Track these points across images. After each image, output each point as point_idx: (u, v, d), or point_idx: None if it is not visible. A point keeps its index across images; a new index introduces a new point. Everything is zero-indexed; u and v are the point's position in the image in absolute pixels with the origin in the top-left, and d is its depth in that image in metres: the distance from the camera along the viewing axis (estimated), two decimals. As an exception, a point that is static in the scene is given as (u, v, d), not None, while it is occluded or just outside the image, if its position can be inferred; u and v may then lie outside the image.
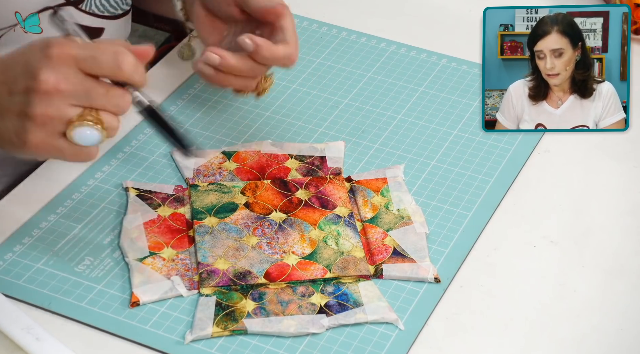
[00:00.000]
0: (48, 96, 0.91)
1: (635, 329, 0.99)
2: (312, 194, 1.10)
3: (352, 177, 1.13)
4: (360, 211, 1.08)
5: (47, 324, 0.97)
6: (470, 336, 0.98)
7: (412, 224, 1.07)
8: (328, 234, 1.06)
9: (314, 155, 1.15)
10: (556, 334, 0.98)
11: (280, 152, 1.16)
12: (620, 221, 1.10)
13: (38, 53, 0.92)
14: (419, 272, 1.02)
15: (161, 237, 1.05)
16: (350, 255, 1.04)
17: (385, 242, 1.05)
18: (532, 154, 1.17)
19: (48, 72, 0.90)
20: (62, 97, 0.91)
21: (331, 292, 1.00)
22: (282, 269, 1.02)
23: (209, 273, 1.01)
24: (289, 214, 1.08)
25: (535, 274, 1.04)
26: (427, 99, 1.24)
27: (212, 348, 0.96)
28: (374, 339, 0.97)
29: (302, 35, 1.34)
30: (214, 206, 1.08)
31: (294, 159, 1.15)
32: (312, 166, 1.14)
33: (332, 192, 1.10)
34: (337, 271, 1.02)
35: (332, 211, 1.08)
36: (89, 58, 0.91)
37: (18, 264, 1.03)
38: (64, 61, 0.91)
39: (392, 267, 1.03)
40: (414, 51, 1.32)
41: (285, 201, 1.09)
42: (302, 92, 1.25)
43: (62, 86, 0.90)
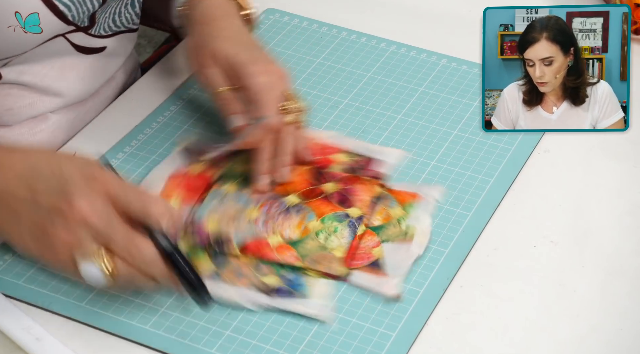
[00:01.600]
0: (75, 222, 0.91)
1: (634, 329, 0.99)
2: (338, 189, 1.10)
3: (387, 184, 1.12)
4: (371, 217, 1.08)
5: (47, 324, 0.97)
6: (470, 336, 0.98)
7: (410, 242, 1.05)
8: (325, 228, 1.06)
9: (364, 155, 1.15)
10: (556, 334, 0.98)
11: (333, 144, 1.16)
12: (620, 221, 1.10)
13: (78, 176, 0.93)
14: (383, 287, 1.01)
15: (177, 189, 1.08)
16: (330, 252, 1.04)
17: (373, 252, 1.04)
18: (532, 154, 1.17)
19: (83, 202, 0.91)
20: (87, 229, 0.92)
21: (289, 279, 1.01)
22: (259, 246, 1.04)
23: (194, 232, 1.03)
24: (303, 201, 1.09)
25: (535, 274, 1.04)
26: (427, 99, 1.24)
27: (212, 348, 0.96)
28: (374, 339, 0.97)
29: (302, 35, 1.34)
30: (242, 174, 1.10)
31: (342, 154, 1.15)
32: (355, 164, 1.14)
33: (358, 193, 1.10)
34: (307, 263, 1.03)
35: (344, 209, 1.08)
36: (123, 196, 0.92)
37: (18, 264, 1.03)
38: (100, 195, 0.92)
39: (362, 275, 1.02)
40: (414, 51, 1.32)
41: (308, 189, 1.10)
42: (302, 92, 1.25)
43: (91, 220, 0.91)
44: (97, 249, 0.92)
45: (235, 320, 0.98)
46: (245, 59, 1.10)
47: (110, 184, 0.93)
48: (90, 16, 1.14)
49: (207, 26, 1.14)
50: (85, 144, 1.18)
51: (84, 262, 0.92)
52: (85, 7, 1.11)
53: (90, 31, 1.16)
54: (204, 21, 1.15)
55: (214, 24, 1.14)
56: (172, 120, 1.21)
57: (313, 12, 1.38)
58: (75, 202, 0.91)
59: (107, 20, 1.18)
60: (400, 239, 1.05)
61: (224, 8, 1.16)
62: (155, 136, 1.18)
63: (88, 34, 1.16)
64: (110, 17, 1.18)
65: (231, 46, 1.11)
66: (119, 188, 0.93)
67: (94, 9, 1.12)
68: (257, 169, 1.09)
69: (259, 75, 1.08)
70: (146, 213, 0.93)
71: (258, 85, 1.08)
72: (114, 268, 0.92)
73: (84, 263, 0.92)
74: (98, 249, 0.92)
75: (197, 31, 1.15)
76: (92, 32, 1.17)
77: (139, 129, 1.19)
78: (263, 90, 1.08)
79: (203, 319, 0.98)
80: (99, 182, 0.93)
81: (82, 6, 1.10)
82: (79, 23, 1.12)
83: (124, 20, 1.20)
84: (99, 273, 0.92)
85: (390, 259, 1.03)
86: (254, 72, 1.08)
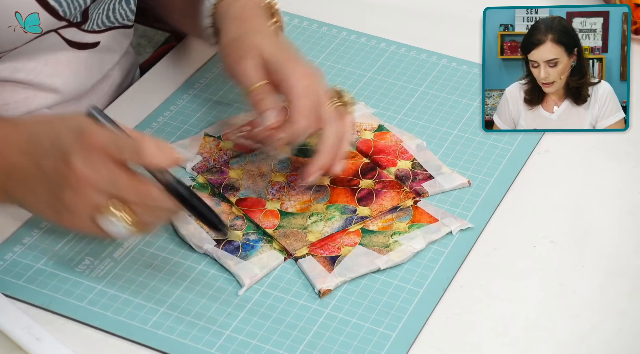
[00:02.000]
0: (78, 183, 0.92)
1: (634, 329, 0.99)
2: (369, 187, 1.10)
3: (419, 200, 1.10)
4: (374, 221, 1.07)
5: (47, 324, 0.97)
6: (470, 336, 0.98)
7: (382, 255, 1.03)
8: (324, 213, 1.07)
9: (427, 171, 1.13)
10: (556, 334, 0.98)
11: (410, 150, 1.15)
12: (620, 221, 1.10)
13: (70, 136, 0.93)
14: (318, 280, 1.01)
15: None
16: (305, 233, 1.05)
17: (342, 249, 1.04)
18: (532, 154, 1.17)
19: (79, 160, 0.91)
20: (91, 185, 0.92)
21: (249, 239, 1.04)
22: (254, 205, 1.08)
23: (219, 173, 1.11)
24: (330, 184, 1.10)
25: (535, 274, 1.04)
26: (427, 99, 1.24)
27: (212, 348, 0.96)
28: (374, 339, 0.97)
29: (302, 35, 1.34)
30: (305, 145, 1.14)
31: (409, 162, 1.14)
32: (409, 174, 1.12)
33: (383, 197, 1.09)
34: (277, 234, 1.05)
35: (357, 205, 1.08)
36: (115, 146, 0.92)
37: (18, 264, 1.03)
38: (94, 149, 0.92)
39: (310, 262, 1.02)
40: (414, 51, 1.32)
41: (343, 177, 1.11)
42: (302, 92, 1.25)
43: (91, 175, 0.91)
44: (109, 203, 0.92)
45: (235, 320, 0.98)
46: (285, 58, 1.08)
47: (101, 137, 0.92)
48: (83, 12, 1.14)
49: (244, 22, 1.12)
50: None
51: (102, 219, 0.92)
52: (77, 3, 1.10)
53: (83, 27, 1.16)
54: (242, 17, 1.13)
55: (251, 21, 1.13)
56: (172, 120, 1.21)
57: (313, 12, 1.38)
58: (73, 163, 0.91)
59: (101, 16, 1.18)
60: (376, 248, 1.04)
61: (257, 10, 1.14)
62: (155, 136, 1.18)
63: (81, 30, 1.16)
64: (104, 13, 1.18)
65: (270, 43, 1.09)
66: (110, 139, 0.92)
67: (85, 5, 1.12)
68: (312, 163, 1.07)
69: (300, 77, 1.06)
70: (140, 156, 0.92)
71: (298, 87, 1.06)
72: (132, 215, 0.92)
73: (102, 220, 0.92)
74: (110, 202, 0.92)
75: (234, 26, 1.12)
76: (85, 28, 1.17)
77: (139, 129, 1.19)
78: (302, 93, 1.06)
79: (203, 319, 0.98)
80: (91, 137, 0.92)
81: (74, 2, 1.10)
82: (72, 19, 1.12)
83: (118, 16, 1.20)
84: (120, 225, 0.92)
85: (349, 260, 1.03)
86: (294, 73, 1.06)
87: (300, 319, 0.99)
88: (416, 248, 1.04)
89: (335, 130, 1.07)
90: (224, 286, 1.01)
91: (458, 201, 1.11)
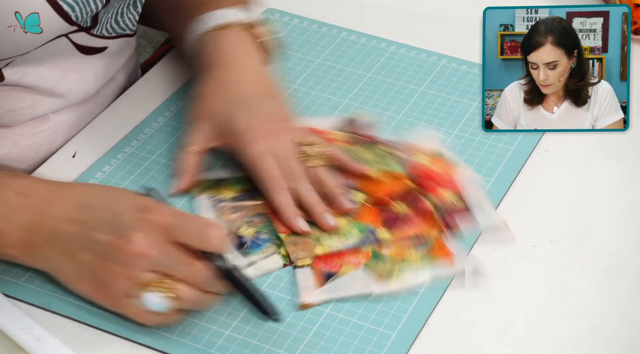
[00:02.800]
0: (134, 257, 0.92)
1: (634, 329, 0.99)
2: (401, 212, 1.07)
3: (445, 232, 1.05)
4: (389, 246, 1.04)
5: (47, 324, 0.97)
6: (470, 336, 0.98)
7: (381, 280, 1.01)
8: (342, 227, 1.05)
9: (467, 204, 1.08)
10: (556, 334, 0.98)
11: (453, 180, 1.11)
12: (620, 221, 1.10)
13: (134, 213, 0.93)
14: (304, 291, 1.00)
15: None
16: (314, 243, 1.04)
17: (343, 267, 1.02)
18: (532, 154, 1.17)
19: (141, 236, 0.92)
20: (148, 261, 0.92)
21: (258, 238, 1.05)
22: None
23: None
24: (363, 201, 1.08)
25: (535, 274, 1.04)
26: (427, 99, 1.24)
27: (212, 348, 0.96)
28: (374, 339, 0.97)
29: (302, 35, 1.34)
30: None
31: (452, 193, 1.09)
32: (449, 209, 1.08)
33: (410, 225, 1.06)
34: (288, 239, 1.04)
35: (379, 226, 1.06)
36: (179, 227, 0.92)
37: (18, 264, 1.03)
38: (157, 228, 0.92)
39: (305, 273, 1.01)
40: (414, 51, 1.32)
41: (380, 197, 1.08)
42: (302, 92, 1.25)
43: (150, 251, 0.92)
44: (157, 279, 0.93)
45: (235, 320, 0.98)
46: (239, 127, 1.08)
47: (165, 215, 0.93)
48: (93, 17, 1.14)
49: (212, 71, 1.12)
50: (86, 144, 1.18)
51: (145, 293, 0.93)
52: (89, 7, 1.11)
53: (92, 31, 1.16)
54: (213, 64, 1.13)
55: (223, 69, 1.12)
56: (172, 120, 1.21)
57: (313, 12, 1.38)
58: (132, 237, 0.92)
59: (110, 21, 1.18)
60: (377, 273, 1.02)
61: (236, 45, 1.14)
62: (155, 136, 1.18)
63: (90, 34, 1.16)
64: (113, 18, 1.18)
65: (228, 104, 1.10)
66: (175, 219, 0.93)
67: (97, 9, 1.12)
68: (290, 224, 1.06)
69: (252, 145, 1.07)
70: (206, 241, 0.93)
71: (252, 155, 1.07)
72: (177, 291, 0.93)
73: (145, 294, 0.93)
74: (158, 278, 0.93)
75: (203, 78, 1.13)
76: (94, 33, 1.17)
77: (139, 129, 1.19)
78: (257, 161, 1.07)
79: (203, 319, 0.98)
80: (154, 214, 0.93)
81: (86, 6, 1.10)
82: (82, 23, 1.12)
83: (126, 20, 1.20)
84: (161, 299, 0.92)
85: (344, 279, 1.01)
86: (245, 144, 1.07)
87: (300, 319, 0.99)
88: (418, 280, 1.01)
89: (306, 188, 1.06)
90: (224, 286, 1.01)
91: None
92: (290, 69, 1.28)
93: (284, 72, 1.26)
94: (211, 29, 1.16)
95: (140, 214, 0.93)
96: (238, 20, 1.16)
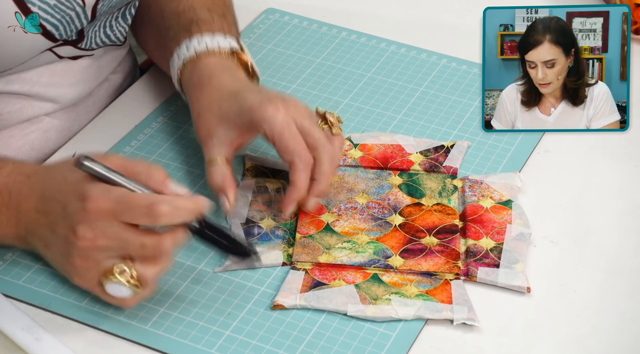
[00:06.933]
0: (85, 250, 0.93)
1: (634, 329, 0.99)
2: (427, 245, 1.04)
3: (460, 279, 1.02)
4: (394, 274, 1.01)
5: (47, 324, 0.97)
6: (470, 336, 0.98)
7: (369, 305, 0.98)
8: (359, 244, 1.04)
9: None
10: (556, 334, 0.98)
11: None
12: (620, 221, 1.10)
13: (76, 204, 0.93)
14: (280, 294, 0.99)
15: None
16: (324, 250, 1.03)
17: (333, 282, 1.01)
18: (532, 154, 1.17)
19: (85, 228, 0.92)
20: (99, 251, 0.93)
21: (274, 232, 1.05)
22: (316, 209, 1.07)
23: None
24: (397, 225, 1.06)
25: (535, 274, 1.04)
26: (427, 99, 1.24)
27: (212, 348, 0.96)
28: (374, 339, 0.97)
29: (302, 35, 1.34)
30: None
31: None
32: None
33: (427, 260, 1.02)
34: (300, 241, 1.04)
35: (396, 253, 1.03)
36: (124, 211, 0.92)
37: (18, 264, 1.03)
38: (101, 216, 0.92)
39: (295, 276, 1.01)
40: (414, 51, 1.32)
41: (415, 226, 1.06)
42: (302, 92, 1.25)
43: (99, 242, 0.92)
44: (116, 263, 0.93)
45: (235, 320, 0.98)
46: (252, 104, 1.05)
47: (106, 201, 0.92)
48: (79, 31, 1.13)
49: (205, 88, 1.10)
50: (85, 144, 1.18)
51: (105, 283, 0.94)
52: (73, 25, 1.10)
53: (79, 45, 1.15)
54: (202, 83, 1.10)
55: (213, 83, 1.10)
56: (172, 120, 1.21)
57: (313, 12, 1.38)
58: (78, 231, 0.93)
59: (98, 34, 1.17)
60: (364, 295, 0.99)
61: (220, 64, 1.12)
62: (155, 136, 1.18)
63: (77, 48, 1.16)
64: (101, 31, 1.17)
65: (234, 98, 1.07)
66: (118, 203, 0.92)
67: (82, 26, 1.12)
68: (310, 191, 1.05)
69: (272, 114, 1.03)
70: (154, 219, 0.92)
71: (274, 124, 1.03)
72: (135, 275, 0.93)
73: (105, 284, 0.94)
74: (115, 265, 0.93)
75: (195, 97, 1.10)
76: (82, 46, 1.16)
77: (139, 130, 1.19)
78: (281, 129, 1.03)
79: (203, 319, 0.98)
80: (95, 202, 0.92)
81: (70, 25, 1.09)
82: (67, 38, 1.11)
83: (116, 32, 1.19)
84: (120, 287, 0.93)
85: (328, 292, 1.00)
86: (265, 113, 1.03)
87: (300, 319, 0.99)
88: (399, 315, 0.98)
89: (329, 156, 1.04)
90: (225, 286, 1.01)
91: (458, 201, 1.11)
92: (290, 69, 1.28)
93: (284, 72, 1.27)
94: (194, 56, 1.13)
95: (82, 204, 0.92)
96: (222, 47, 1.13)
